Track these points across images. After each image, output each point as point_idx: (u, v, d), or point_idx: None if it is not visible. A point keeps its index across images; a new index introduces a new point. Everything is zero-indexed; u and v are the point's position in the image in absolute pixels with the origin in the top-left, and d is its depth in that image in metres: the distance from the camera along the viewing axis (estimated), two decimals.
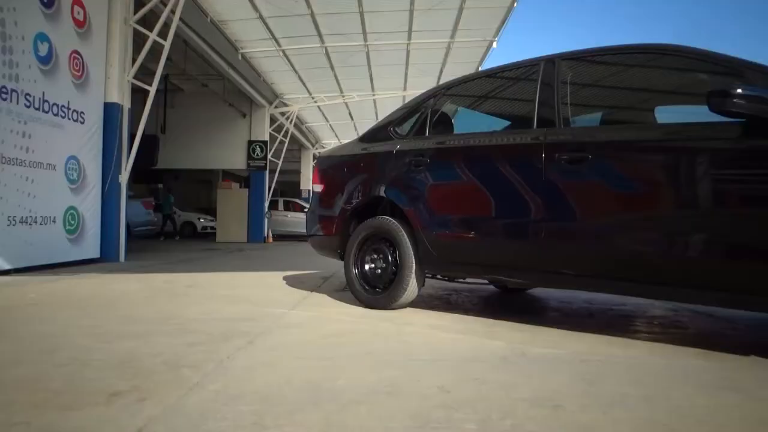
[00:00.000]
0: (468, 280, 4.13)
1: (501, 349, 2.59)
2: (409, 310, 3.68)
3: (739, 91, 2.31)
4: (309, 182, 22.14)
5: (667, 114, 3.35)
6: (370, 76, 13.59)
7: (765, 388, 2.03)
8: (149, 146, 11.24)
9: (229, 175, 21.92)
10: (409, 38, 11.11)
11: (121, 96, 7.78)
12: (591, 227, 2.85)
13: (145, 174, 15.99)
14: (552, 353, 2.52)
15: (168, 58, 8.98)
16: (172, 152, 15.16)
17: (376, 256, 3.80)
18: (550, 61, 3.27)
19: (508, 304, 4.17)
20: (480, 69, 11.69)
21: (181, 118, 15.60)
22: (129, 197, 8.96)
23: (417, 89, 12.41)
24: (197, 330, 2.91)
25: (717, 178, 2.51)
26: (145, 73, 8.52)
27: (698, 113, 2.58)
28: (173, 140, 15.16)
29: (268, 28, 10.50)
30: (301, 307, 3.77)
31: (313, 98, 15.96)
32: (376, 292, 3.73)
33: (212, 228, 18.05)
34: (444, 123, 3.96)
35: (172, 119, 15.34)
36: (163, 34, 8.18)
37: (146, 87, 8.27)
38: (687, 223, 2.56)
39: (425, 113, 3.92)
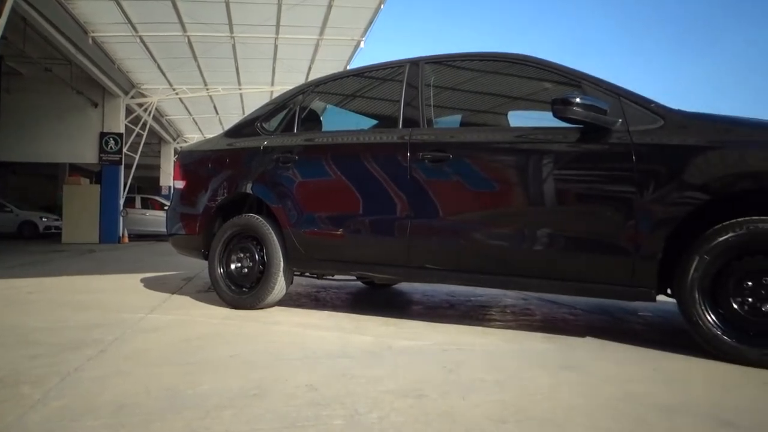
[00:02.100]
0: (336, 276, 4.16)
1: (368, 343, 2.64)
2: (276, 309, 3.62)
3: (578, 100, 2.58)
4: (170, 178, 20.87)
5: (518, 118, 3.63)
6: (237, 69, 13.15)
7: (598, 364, 2.28)
8: None
9: (79, 169, 19.95)
10: (277, 32, 10.92)
11: None
12: (452, 223, 3.01)
13: None
14: (416, 345, 2.63)
15: (3, 37, 7.97)
16: (8, 143, 13.50)
17: (242, 255, 3.69)
18: (415, 63, 3.40)
19: (376, 300, 4.27)
20: (348, 68, 11.81)
21: (19, 106, 13.89)
22: None
23: (285, 85, 12.23)
24: (41, 341, 2.62)
25: (559, 178, 2.77)
26: None
27: (545, 118, 2.84)
28: (9, 130, 13.49)
29: (123, 11, 9.73)
30: (161, 311, 3.55)
31: (174, 90, 15.08)
32: (243, 291, 3.63)
33: (57, 228, 16.34)
34: (312, 120, 3.95)
35: (9, 106, 13.62)
36: None
37: None
38: (534, 219, 2.81)
39: (293, 109, 3.88)
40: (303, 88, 4.01)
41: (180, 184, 4.20)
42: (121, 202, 15.10)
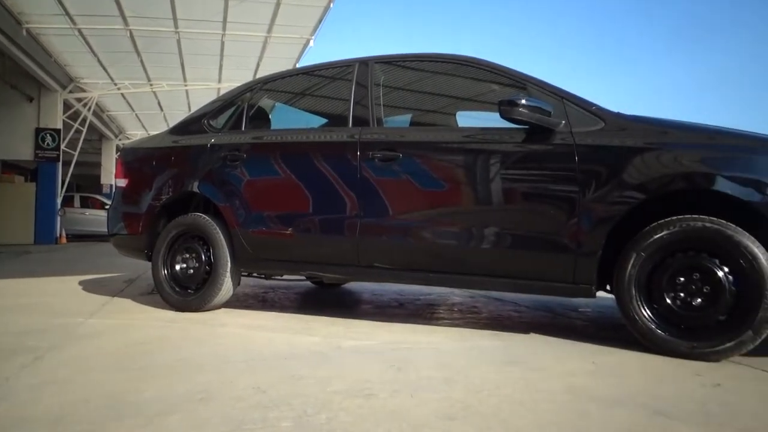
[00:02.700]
0: (285, 276, 4.12)
1: (317, 344, 2.63)
2: (223, 310, 3.55)
3: (523, 101, 2.65)
4: (111, 176, 20.10)
5: (466, 118, 3.70)
6: (182, 64, 12.79)
7: (541, 360, 2.34)
8: None
9: (13, 167, 18.93)
10: (224, 29, 10.71)
11: None
12: (402, 222, 3.03)
13: None
14: (365, 344, 2.63)
15: None
16: None
17: (188, 256, 3.60)
18: (364, 63, 3.40)
19: (325, 299, 4.25)
20: (297, 66, 11.70)
21: None
22: None
23: (233, 82, 12.01)
24: None
25: (506, 177, 2.84)
26: None
27: (492, 119, 2.90)
28: None
29: (59, 1, 9.30)
30: (101, 315, 3.42)
31: (115, 85, 14.53)
32: (188, 293, 3.54)
33: None
34: (261, 118, 3.90)
35: None
36: None
37: None
38: (482, 218, 2.87)
39: (242, 107, 3.81)
40: (251, 85, 3.95)
41: (122, 183, 4.05)
42: (59, 200, 14.42)
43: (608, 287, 2.72)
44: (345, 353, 2.46)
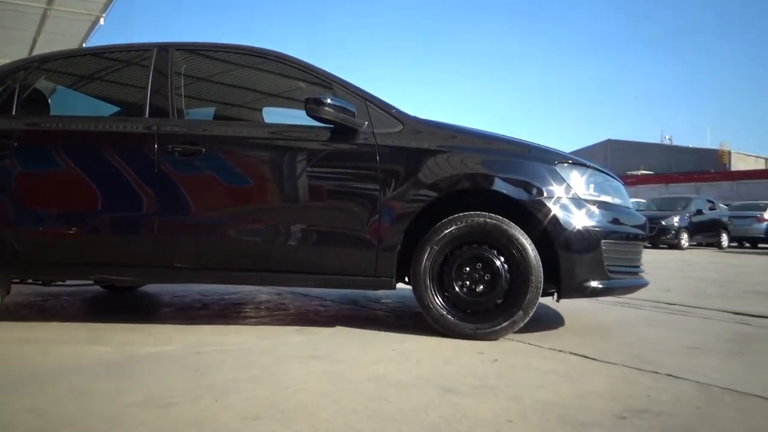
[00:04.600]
0: (69, 281, 3.67)
1: (108, 354, 2.39)
2: None
3: (329, 101, 2.72)
4: None
5: (273, 115, 3.66)
6: None
7: (346, 351, 2.44)
8: None
9: None
10: None
11: None
12: (205, 220, 2.90)
13: None
14: (165, 350, 2.47)
15: None
16: None
17: None
18: (164, 49, 3.17)
19: (118, 304, 3.89)
20: (84, 46, 10.48)
21: None
22: None
23: (2, 58, 10.31)
24: None
25: (311, 175, 2.89)
26: None
27: (299, 116, 2.92)
28: None
29: None
30: None
31: None
32: None
33: None
34: (38, 102, 3.40)
35: None
36: None
37: None
38: (287, 215, 2.88)
39: (12, 87, 3.28)
40: (26, 63, 3.42)
41: None
42: None
43: (407, 279, 2.93)
44: (142, 362, 2.27)
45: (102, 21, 10.23)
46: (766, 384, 2.04)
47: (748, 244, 16.65)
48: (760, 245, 16.35)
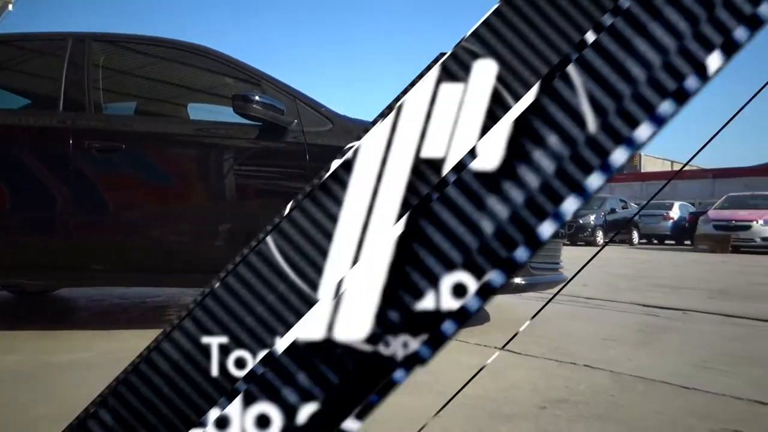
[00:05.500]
0: None
1: (18, 363, 2.24)
2: None
3: (257, 98, 2.67)
4: None
5: (199, 111, 3.56)
6: None
7: None
8: None
9: None
10: None
11: None
12: (125, 220, 2.78)
13: None
14: (80, 358, 2.34)
15: None
16: None
17: None
18: (80, 39, 3.00)
19: (30, 310, 3.65)
20: None
21: None
22: None
23: None
24: None
25: (240, 174, 2.83)
26: None
27: (226, 113, 2.85)
28: None
29: None
30: None
31: None
32: None
33: None
34: None
35: None
36: None
37: None
38: (214, 215, 2.81)
39: None
40: None
41: None
42: None
43: None
44: (55, 370, 2.14)
45: (11, 7, 9.55)
46: (672, 371, 2.20)
47: (656, 241, 17.88)
48: (666, 242, 17.60)
